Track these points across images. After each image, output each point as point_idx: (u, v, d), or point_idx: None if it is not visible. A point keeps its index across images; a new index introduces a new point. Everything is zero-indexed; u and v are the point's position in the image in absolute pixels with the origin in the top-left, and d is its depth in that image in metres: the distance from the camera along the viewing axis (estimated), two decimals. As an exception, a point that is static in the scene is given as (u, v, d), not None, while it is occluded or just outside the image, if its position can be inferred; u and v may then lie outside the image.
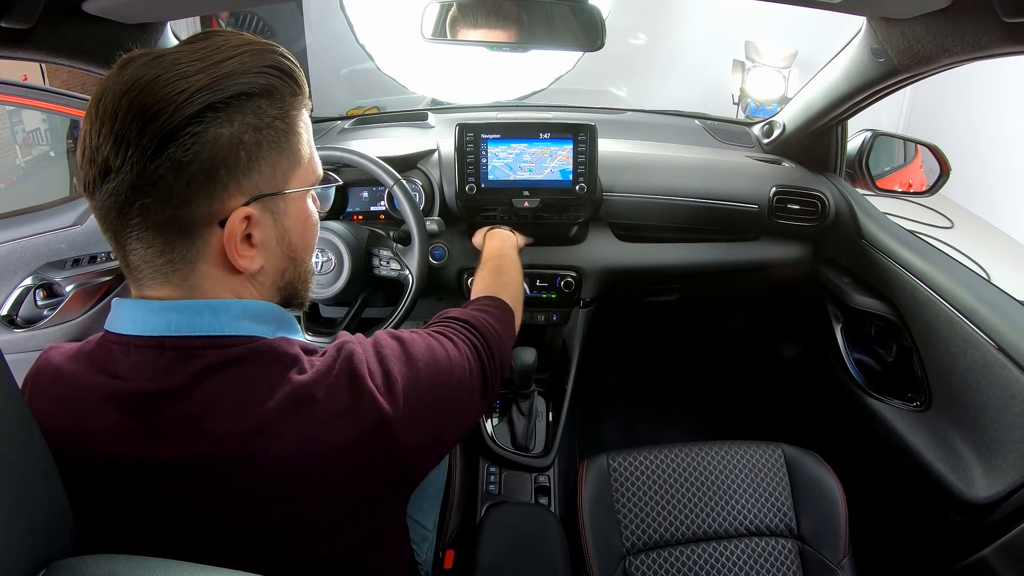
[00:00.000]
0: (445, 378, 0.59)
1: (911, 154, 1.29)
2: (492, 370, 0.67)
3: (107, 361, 0.51)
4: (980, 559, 0.91)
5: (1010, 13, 0.69)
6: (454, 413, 0.60)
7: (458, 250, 1.26)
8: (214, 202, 0.48)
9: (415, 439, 0.53)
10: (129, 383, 0.49)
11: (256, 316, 0.52)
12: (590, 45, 0.96)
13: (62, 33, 0.79)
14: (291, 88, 0.51)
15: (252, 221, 0.50)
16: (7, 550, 0.35)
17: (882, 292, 1.15)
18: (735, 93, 3.17)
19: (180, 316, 0.49)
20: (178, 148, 0.45)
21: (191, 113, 0.45)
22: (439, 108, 1.69)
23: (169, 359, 0.49)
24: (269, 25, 3.30)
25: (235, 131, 0.48)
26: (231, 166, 0.48)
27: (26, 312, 1.26)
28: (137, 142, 0.45)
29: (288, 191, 0.53)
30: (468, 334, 0.67)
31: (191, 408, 0.48)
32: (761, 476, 1.03)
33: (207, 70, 0.46)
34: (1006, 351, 0.90)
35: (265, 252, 0.53)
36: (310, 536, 0.50)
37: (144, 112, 0.45)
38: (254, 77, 0.48)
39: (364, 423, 0.50)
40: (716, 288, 1.41)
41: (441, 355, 0.60)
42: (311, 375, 0.50)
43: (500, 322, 0.74)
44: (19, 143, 3.24)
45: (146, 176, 0.45)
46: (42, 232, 1.26)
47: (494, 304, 0.78)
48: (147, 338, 0.49)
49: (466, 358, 0.63)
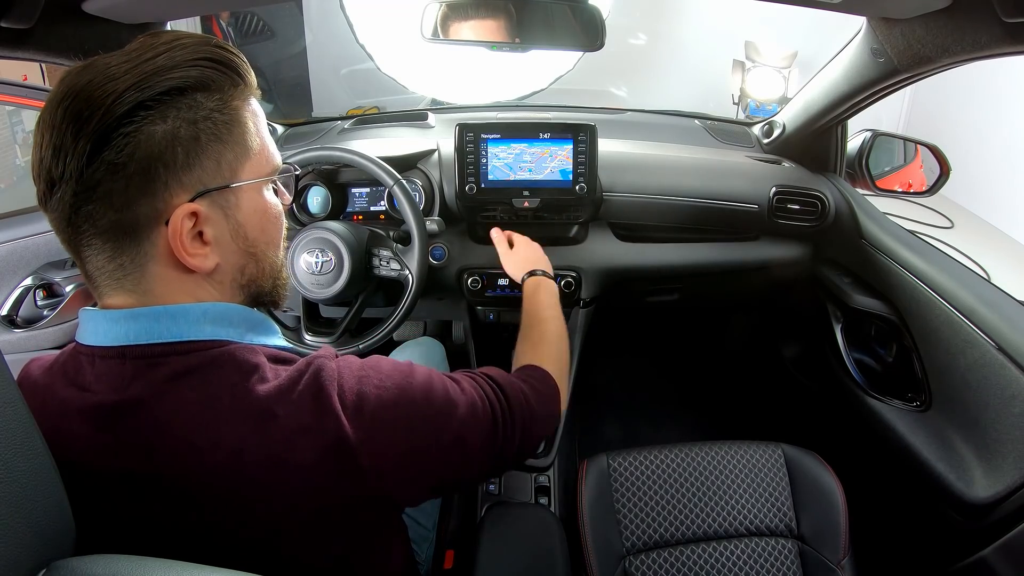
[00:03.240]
0: (428, 410, 0.55)
1: (911, 154, 1.29)
2: (507, 430, 0.62)
3: (77, 373, 0.50)
4: (980, 559, 0.91)
5: (1010, 13, 0.69)
6: (438, 450, 0.55)
7: (458, 250, 1.26)
8: (156, 201, 0.47)
9: (383, 465, 0.50)
10: (95, 395, 0.48)
11: (218, 319, 0.51)
12: (590, 45, 0.96)
13: (62, 33, 0.79)
14: (231, 79, 0.50)
15: (200, 218, 0.49)
16: (7, 550, 0.35)
17: (882, 292, 1.15)
18: (735, 93, 3.17)
19: (138, 324, 0.48)
20: (112, 151, 0.45)
21: (121, 113, 0.45)
22: (439, 108, 1.69)
23: (131, 369, 0.48)
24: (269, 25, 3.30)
25: (169, 127, 0.47)
26: (168, 163, 0.47)
27: (26, 312, 1.26)
28: (73, 149, 0.45)
29: (236, 184, 0.51)
30: (486, 384, 0.64)
31: (153, 419, 0.47)
32: (761, 476, 1.03)
33: (135, 69, 0.46)
34: (1006, 351, 0.90)
35: (220, 249, 0.51)
36: (282, 546, 0.49)
37: (77, 118, 0.44)
38: (186, 71, 0.47)
39: (325, 444, 0.48)
40: (716, 288, 1.41)
41: (437, 389, 0.57)
42: (273, 388, 0.49)
43: (535, 391, 0.69)
44: (19, 143, 3.23)
45: (85, 182, 0.45)
46: (42, 232, 1.26)
47: (534, 374, 0.74)
48: (109, 348, 0.49)
49: (471, 402, 0.59)
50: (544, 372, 0.75)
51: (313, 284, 1.06)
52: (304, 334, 1.11)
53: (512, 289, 1.26)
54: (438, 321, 1.86)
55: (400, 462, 0.52)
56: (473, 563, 0.81)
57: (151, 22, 0.93)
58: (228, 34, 3.41)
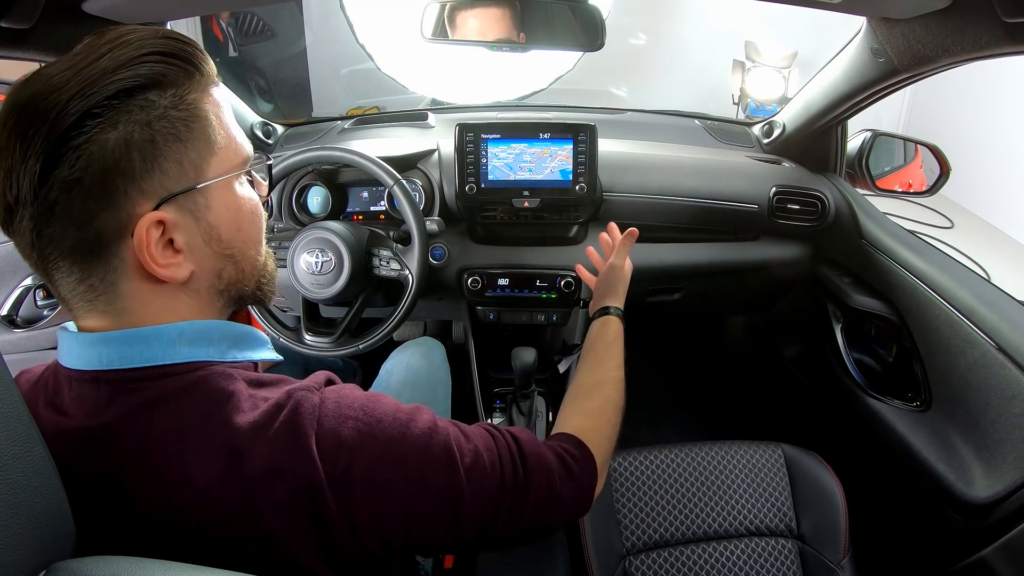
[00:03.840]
0: (420, 466, 0.49)
1: (911, 154, 1.29)
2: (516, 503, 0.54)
3: (55, 394, 0.48)
4: (980, 559, 0.91)
5: (1010, 13, 0.69)
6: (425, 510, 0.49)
7: (458, 250, 1.26)
8: (118, 214, 0.44)
9: (359, 518, 0.46)
10: (71, 420, 0.46)
11: (196, 338, 0.48)
12: (590, 45, 0.96)
13: (62, 33, 0.79)
14: (184, 71, 0.46)
15: (168, 225, 0.46)
16: (7, 552, 0.35)
17: (882, 292, 1.15)
18: (735, 93, 3.17)
19: (110, 349, 0.46)
20: (64, 167, 0.42)
21: (68, 126, 0.41)
22: (439, 108, 1.69)
23: (105, 394, 0.46)
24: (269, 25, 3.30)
25: (121, 134, 0.43)
26: (125, 172, 0.43)
27: (26, 312, 1.26)
28: (23, 169, 0.41)
29: (203, 184, 0.47)
30: (504, 444, 0.56)
31: (124, 448, 0.45)
32: (761, 476, 1.03)
33: (78, 76, 0.42)
34: (1006, 351, 0.90)
35: (193, 256, 0.48)
36: None
37: (23, 136, 0.41)
38: (133, 69, 0.43)
39: (296, 486, 0.44)
40: (716, 288, 1.42)
41: (432, 439, 0.51)
42: (247, 423, 0.45)
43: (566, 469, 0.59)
44: (19, 143, 3.22)
45: (41, 204, 0.42)
46: (42, 232, 1.26)
47: (574, 448, 0.62)
48: (85, 372, 0.46)
49: (475, 458, 0.53)
50: (586, 449, 0.63)
51: (313, 284, 1.06)
52: (304, 334, 1.11)
53: (512, 289, 1.26)
54: (438, 321, 1.86)
55: (379, 517, 0.47)
56: (473, 563, 0.81)
57: (151, 22, 0.93)
58: (228, 34, 3.41)
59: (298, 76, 3.12)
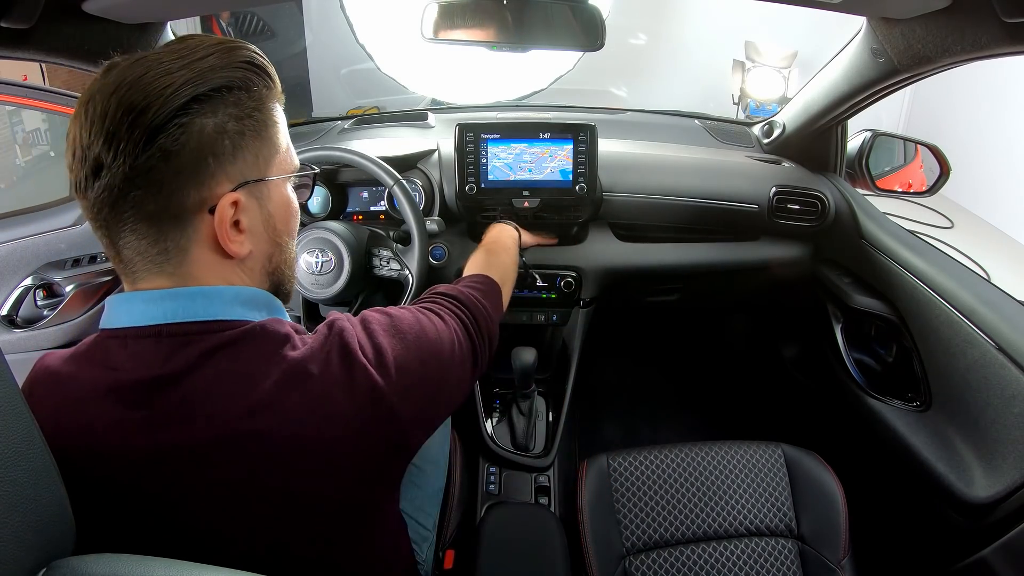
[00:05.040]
0: (434, 350, 0.61)
1: (911, 154, 1.29)
2: (481, 343, 0.70)
3: (105, 356, 0.52)
4: (980, 559, 0.91)
5: (1010, 13, 0.69)
6: (444, 384, 0.62)
7: (458, 250, 1.26)
8: (203, 189, 0.50)
9: (409, 409, 0.55)
10: (128, 373, 0.50)
11: (247, 301, 0.54)
12: (590, 45, 0.96)
13: (62, 33, 0.79)
14: (265, 82, 0.54)
15: (239, 207, 0.52)
16: (7, 550, 0.36)
17: (882, 292, 1.15)
18: (735, 93, 3.17)
19: (176, 303, 0.51)
20: (167, 139, 0.47)
21: (178, 105, 0.48)
22: (439, 108, 1.69)
23: (167, 346, 0.50)
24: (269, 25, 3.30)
25: (219, 121, 0.50)
26: (217, 154, 0.50)
27: (26, 312, 1.26)
28: (128, 136, 0.47)
29: (271, 178, 0.56)
30: (456, 309, 0.70)
31: (191, 392, 0.49)
32: (761, 476, 1.03)
33: (189, 66, 0.49)
34: (1006, 351, 0.90)
35: (253, 237, 0.55)
36: (307, 518, 0.52)
37: (133, 107, 0.47)
38: (232, 71, 0.51)
39: (359, 395, 0.52)
40: (716, 288, 1.42)
41: (430, 329, 0.62)
42: (305, 352, 0.52)
43: (487, 297, 0.77)
44: (19, 143, 3.23)
45: (138, 168, 0.47)
46: (42, 232, 1.26)
47: (482, 280, 0.82)
48: (144, 328, 0.51)
49: (454, 332, 0.66)
50: (490, 279, 0.83)
51: (313, 284, 1.06)
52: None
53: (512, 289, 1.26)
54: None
55: (420, 402, 0.57)
56: (473, 563, 0.81)
57: (151, 22, 0.93)
58: (228, 34, 3.41)
59: (298, 76, 3.12)
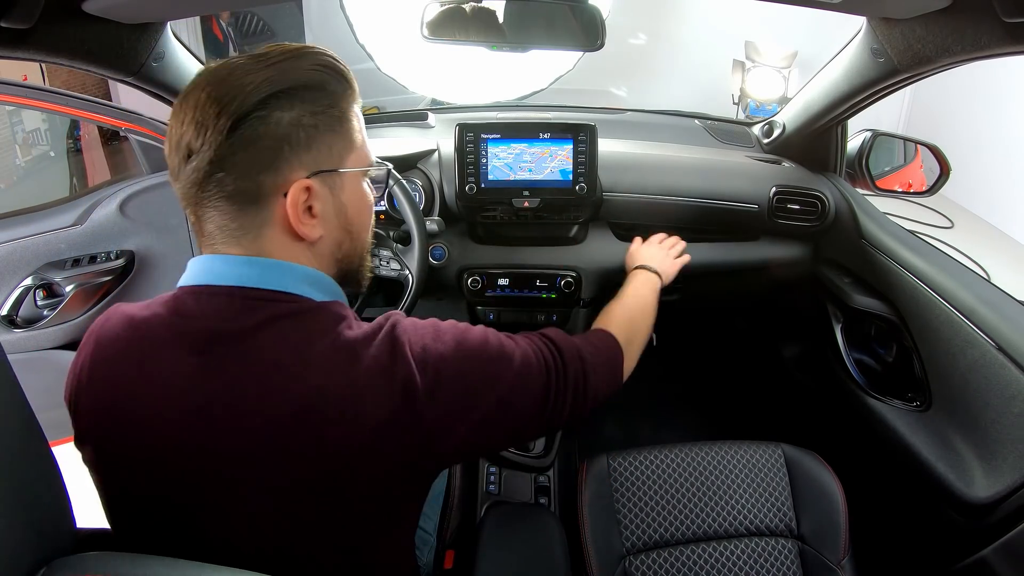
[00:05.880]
0: (483, 364, 0.61)
1: (911, 154, 1.29)
2: (560, 385, 0.67)
3: (178, 306, 0.57)
4: (980, 559, 0.91)
5: (1010, 13, 0.69)
6: (488, 398, 0.60)
7: (458, 250, 1.26)
8: (279, 175, 0.56)
9: (434, 411, 0.56)
10: (197, 322, 0.55)
11: (314, 282, 0.59)
12: (590, 45, 0.96)
13: (62, 33, 0.79)
14: (340, 83, 0.60)
15: (312, 193, 0.57)
16: (8, 548, 0.36)
17: (882, 292, 1.15)
18: (735, 93, 3.18)
19: (253, 270, 0.56)
20: (248, 128, 0.53)
21: (259, 99, 0.54)
22: (439, 108, 1.69)
23: (239, 305, 0.55)
24: (269, 25, 3.30)
25: (295, 114, 0.55)
26: (293, 143, 0.56)
27: (26, 312, 1.26)
28: (214, 125, 0.53)
29: (344, 169, 0.60)
30: (540, 342, 0.69)
31: (253, 348, 0.54)
32: (761, 476, 1.03)
33: (270, 67, 0.55)
34: (1006, 351, 0.90)
35: (324, 223, 0.59)
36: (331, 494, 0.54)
37: (220, 100, 0.53)
38: (308, 72, 0.57)
39: (397, 386, 0.55)
40: (716, 288, 1.42)
41: (487, 343, 0.63)
42: (359, 335, 0.57)
43: (594, 349, 0.75)
44: (19, 143, 3.23)
45: (221, 153, 0.53)
46: (42, 232, 1.26)
47: (598, 335, 0.80)
48: (220, 287, 0.56)
49: (524, 355, 0.65)
50: (608, 334, 0.81)
51: None
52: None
53: (512, 289, 1.26)
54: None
55: (451, 411, 0.57)
56: (473, 563, 0.81)
57: (151, 22, 0.93)
58: (228, 34, 3.41)
59: (298, 76, 3.12)
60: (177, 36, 1.03)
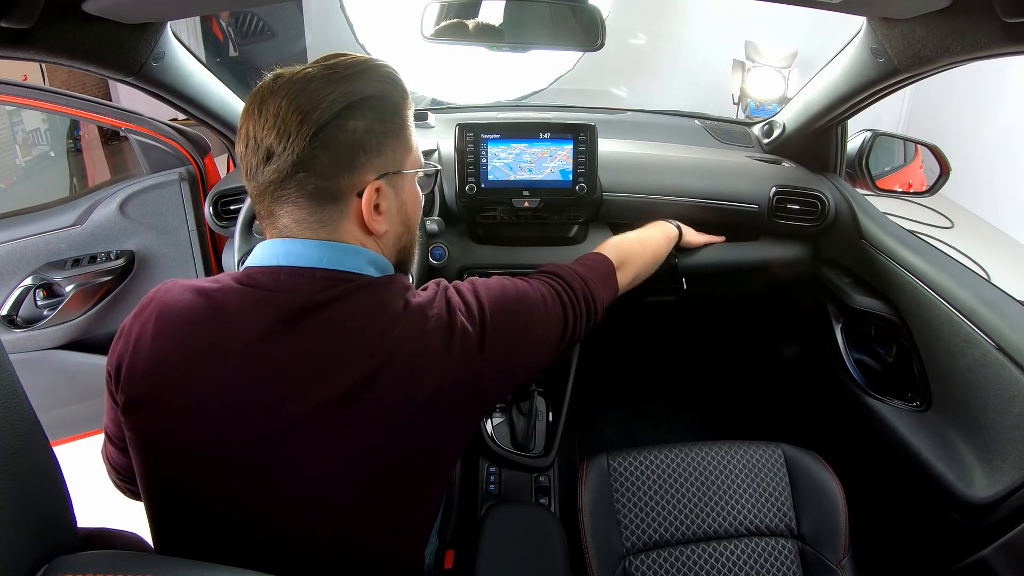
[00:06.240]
0: (513, 307, 0.71)
1: (911, 154, 1.29)
2: (575, 308, 0.79)
3: (254, 281, 0.62)
4: (980, 559, 0.91)
5: (1010, 13, 0.69)
6: (526, 339, 0.71)
7: (458, 250, 1.26)
8: (354, 176, 0.63)
9: (488, 356, 0.65)
10: (281, 294, 0.61)
11: (378, 265, 0.67)
12: (590, 45, 0.96)
13: (62, 33, 0.79)
14: (400, 93, 0.67)
15: (380, 193, 0.65)
16: (9, 547, 0.36)
17: (882, 292, 1.15)
18: (735, 93, 3.18)
19: (330, 253, 0.63)
20: (328, 135, 0.60)
21: (337, 111, 0.60)
22: (439, 108, 1.69)
23: (319, 284, 0.61)
24: (269, 25, 3.30)
25: (368, 123, 0.62)
26: (367, 149, 0.63)
27: (26, 312, 1.26)
28: (297, 131, 0.59)
29: (405, 171, 0.68)
30: (549, 279, 0.81)
31: (337, 314, 0.60)
32: (761, 476, 1.03)
33: (343, 80, 0.62)
34: (1006, 351, 0.90)
35: (389, 219, 0.67)
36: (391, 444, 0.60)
37: (301, 109, 0.60)
38: (375, 85, 0.64)
39: (456, 338, 0.64)
40: (716, 288, 1.41)
41: (512, 290, 0.73)
42: (424, 298, 0.66)
43: (591, 270, 0.87)
44: (19, 143, 3.23)
45: (303, 156, 0.60)
46: (42, 232, 1.26)
47: (591, 257, 0.92)
48: (298, 268, 0.62)
49: (541, 294, 0.76)
50: (599, 255, 0.93)
51: None
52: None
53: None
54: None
55: (500, 352, 0.67)
56: (473, 563, 0.81)
57: (151, 22, 0.93)
58: (228, 34, 3.41)
59: (298, 76, 3.12)
60: (177, 36, 1.03)
